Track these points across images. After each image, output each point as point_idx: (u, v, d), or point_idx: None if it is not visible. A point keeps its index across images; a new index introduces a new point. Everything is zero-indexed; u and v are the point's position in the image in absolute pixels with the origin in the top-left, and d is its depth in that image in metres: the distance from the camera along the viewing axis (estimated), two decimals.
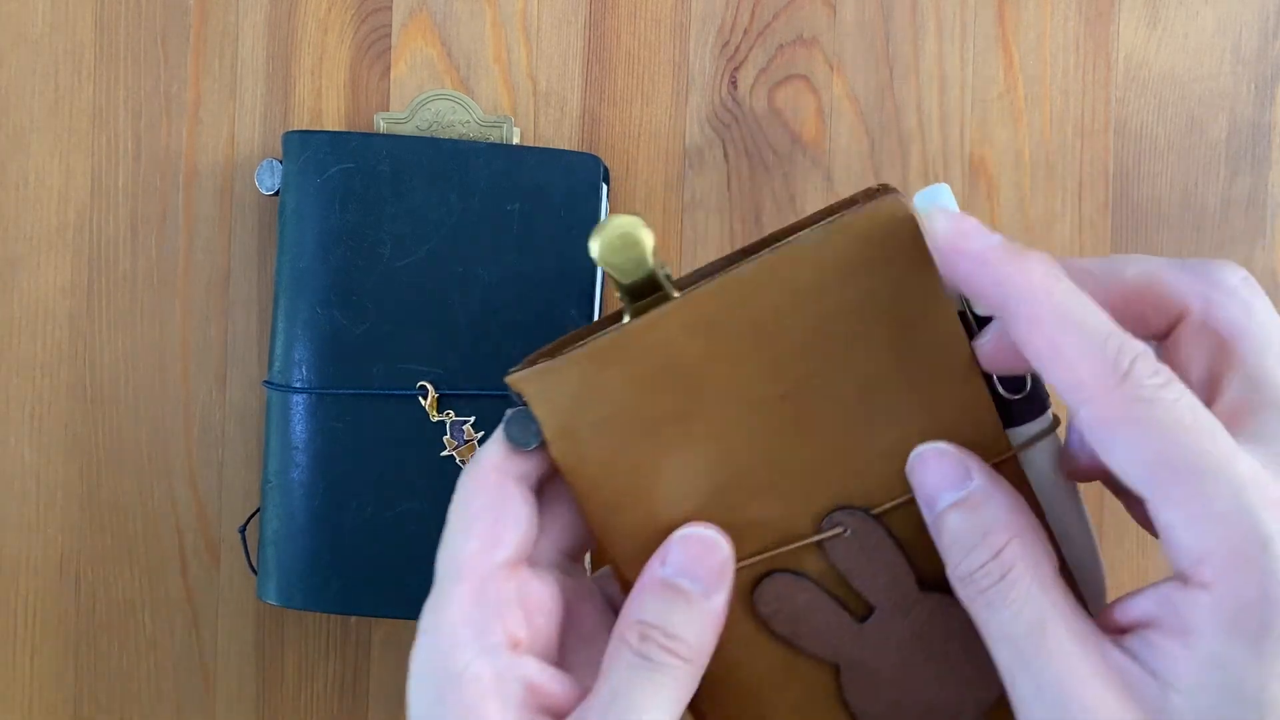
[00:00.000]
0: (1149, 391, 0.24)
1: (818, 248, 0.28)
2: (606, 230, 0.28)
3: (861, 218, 0.27)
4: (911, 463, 0.29)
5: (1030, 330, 0.25)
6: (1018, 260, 0.26)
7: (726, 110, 0.46)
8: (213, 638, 0.45)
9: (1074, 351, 0.25)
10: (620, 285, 0.28)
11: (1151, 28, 0.46)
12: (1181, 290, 0.28)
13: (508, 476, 0.29)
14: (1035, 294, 0.25)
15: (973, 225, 0.26)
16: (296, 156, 0.42)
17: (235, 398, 0.45)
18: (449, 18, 0.45)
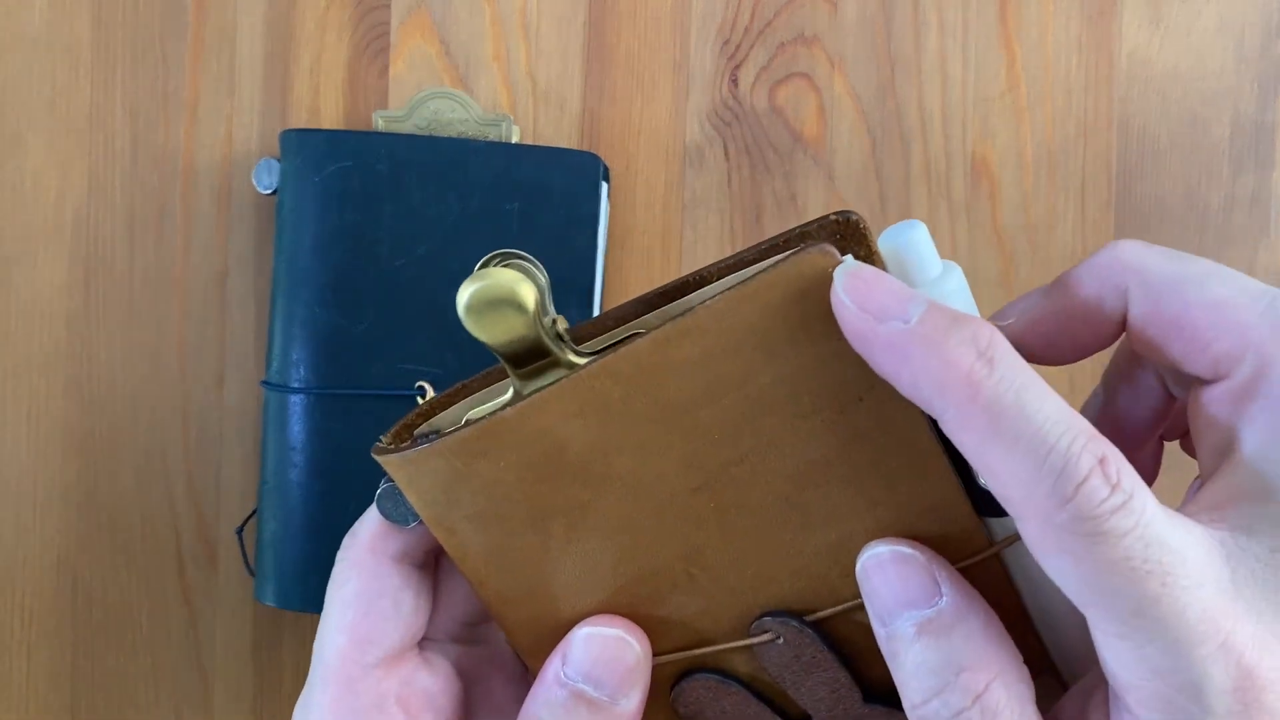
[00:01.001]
0: (1094, 524, 0.20)
1: (730, 315, 0.22)
2: (476, 299, 0.23)
3: (778, 277, 0.22)
4: (864, 566, 0.24)
5: (957, 434, 0.21)
6: (936, 348, 0.21)
7: (727, 109, 0.46)
8: (210, 639, 0.45)
9: (1003, 468, 0.20)
10: (498, 353, 0.24)
11: (1154, 26, 0.46)
12: (1247, 342, 0.23)
13: (385, 556, 0.26)
14: (958, 393, 0.20)
15: (880, 300, 0.21)
16: (294, 155, 0.41)
17: (233, 398, 0.45)
18: (448, 16, 0.45)
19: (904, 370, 0.21)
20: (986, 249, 0.46)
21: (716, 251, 0.45)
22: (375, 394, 0.41)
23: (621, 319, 0.25)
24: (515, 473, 0.24)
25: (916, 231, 0.23)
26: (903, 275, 0.23)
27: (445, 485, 0.24)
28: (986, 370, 0.20)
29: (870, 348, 0.22)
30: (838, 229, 0.24)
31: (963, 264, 0.45)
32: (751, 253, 0.24)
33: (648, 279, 0.45)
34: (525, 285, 0.23)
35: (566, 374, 0.24)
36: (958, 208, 0.46)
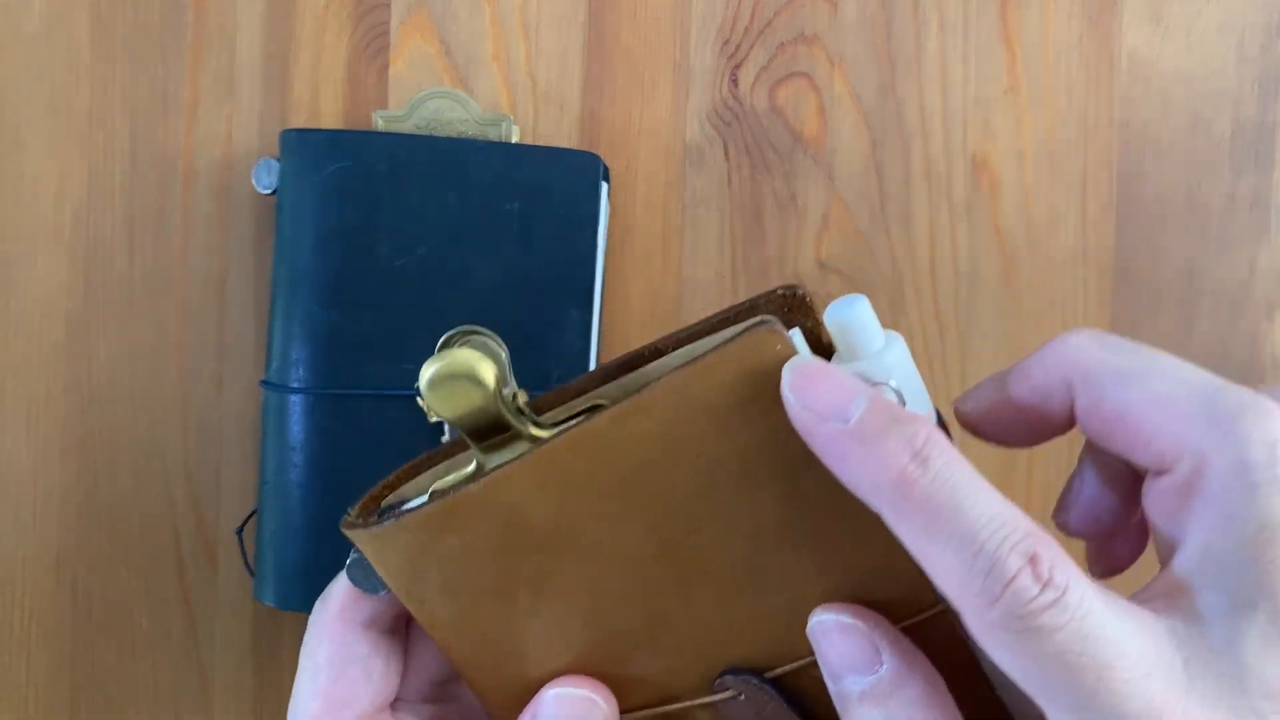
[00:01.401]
0: (1024, 621, 0.20)
1: (683, 391, 0.23)
2: (437, 378, 0.24)
3: (728, 355, 0.23)
4: (811, 630, 0.25)
5: (897, 530, 0.22)
6: (872, 449, 0.22)
7: (727, 108, 0.46)
8: (210, 639, 0.45)
9: (938, 565, 0.21)
10: (460, 428, 0.25)
11: (1155, 26, 0.46)
12: (1185, 442, 0.23)
13: (355, 623, 0.27)
14: (892, 492, 0.21)
15: (823, 399, 0.22)
16: (294, 155, 0.41)
17: (232, 398, 0.45)
18: (447, 15, 0.45)
19: (843, 468, 0.22)
20: (987, 249, 0.46)
21: (716, 252, 0.45)
22: (375, 394, 0.41)
23: (582, 390, 0.26)
24: (481, 545, 0.25)
25: (859, 307, 0.24)
26: (848, 348, 0.24)
27: (412, 558, 0.25)
28: (920, 470, 0.21)
29: (812, 443, 0.23)
30: (785, 302, 0.25)
31: (963, 264, 0.46)
32: (705, 326, 0.25)
33: (648, 279, 0.45)
34: (484, 363, 0.24)
35: (529, 448, 0.24)
36: (958, 207, 0.46)
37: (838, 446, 0.22)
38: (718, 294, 0.45)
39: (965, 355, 0.46)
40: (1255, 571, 0.21)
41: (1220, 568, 0.22)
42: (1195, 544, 0.23)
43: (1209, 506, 0.22)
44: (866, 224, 0.46)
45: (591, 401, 0.26)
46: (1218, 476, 0.22)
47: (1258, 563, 0.21)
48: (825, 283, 0.45)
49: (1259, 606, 0.21)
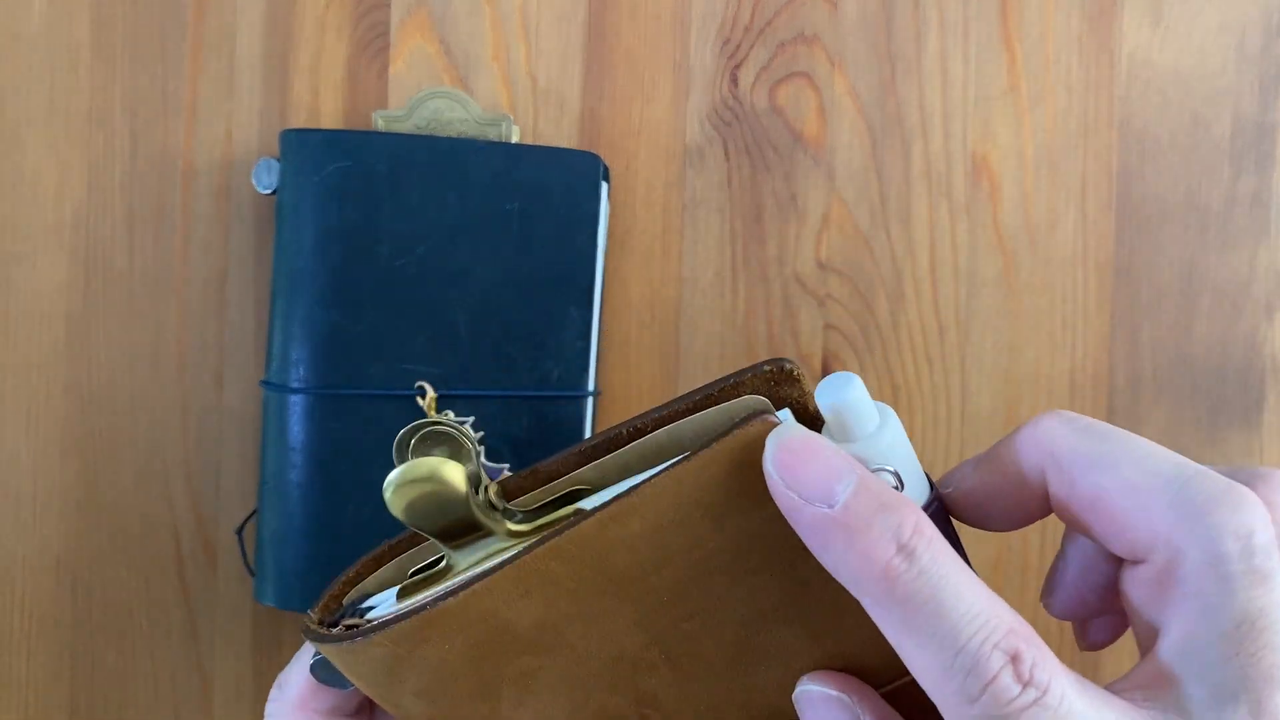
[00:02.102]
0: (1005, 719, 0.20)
1: (674, 490, 0.23)
2: (402, 486, 0.23)
3: (721, 451, 0.22)
4: (796, 699, 0.25)
5: (876, 620, 0.22)
6: (856, 539, 0.21)
7: (727, 108, 0.46)
8: (210, 639, 0.45)
9: (917, 661, 0.21)
10: (430, 535, 0.24)
11: (1155, 25, 0.46)
12: (1157, 534, 0.23)
13: (315, 714, 0.26)
14: (875, 586, 0.21)
15: (808, 479, 0.21)
16: (294, 155, 0.41)
17: (232, 398, 0.45)
18: (447, 15, 0.45)
19: (825, 555, 0.22)
20: (987, 249, 0.46)
21: (717, 252, 0.45)
22: (375, 394, 0.41)
23: (555, 473, 0.25)
24: (461, 652, 0.24)
25: (854, 390, 0.23)
26: (841, 430, 0.24)
27: (388, 669, 0.24)
28: (905, 564, 0.21)
29: (795, 525, 0.22)
30: (772, 377, 0.24)
31: (963, 264, 0.46)
32: (687, 404, 0.24)
33: (648, 279, 0.45)
34: (451, 468, 0.23)
35: (507, 547, 0.23)
36: (958, 207, 0.46)
37: (820, 532, 0.21)
38: (718, 294, 0.45)
39: (965, 355, 0.46)
40: (1236, 665, 0.21)
41: (1201, 661, 0.22)
42: (1175, 635, 0.22)
43: (1186, 599, 0.22)
44: (866, 224, 0.46)
45: (569, 487, 0.25)
46: (1193, 570, 0.22)
47: (1238, 656, 0.21)
48: (825, 283, 0.45)
49: (1240, 700, 0.21)
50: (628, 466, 0.25)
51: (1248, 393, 0.46)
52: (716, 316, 0.45)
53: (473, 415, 0.41)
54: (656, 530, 0.23)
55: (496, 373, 0.41)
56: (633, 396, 0.45)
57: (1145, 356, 0.46)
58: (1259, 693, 0.21)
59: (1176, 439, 0.46)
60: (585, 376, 0.42)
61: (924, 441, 0.45)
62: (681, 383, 0.45)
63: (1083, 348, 0.46)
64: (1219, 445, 0.46)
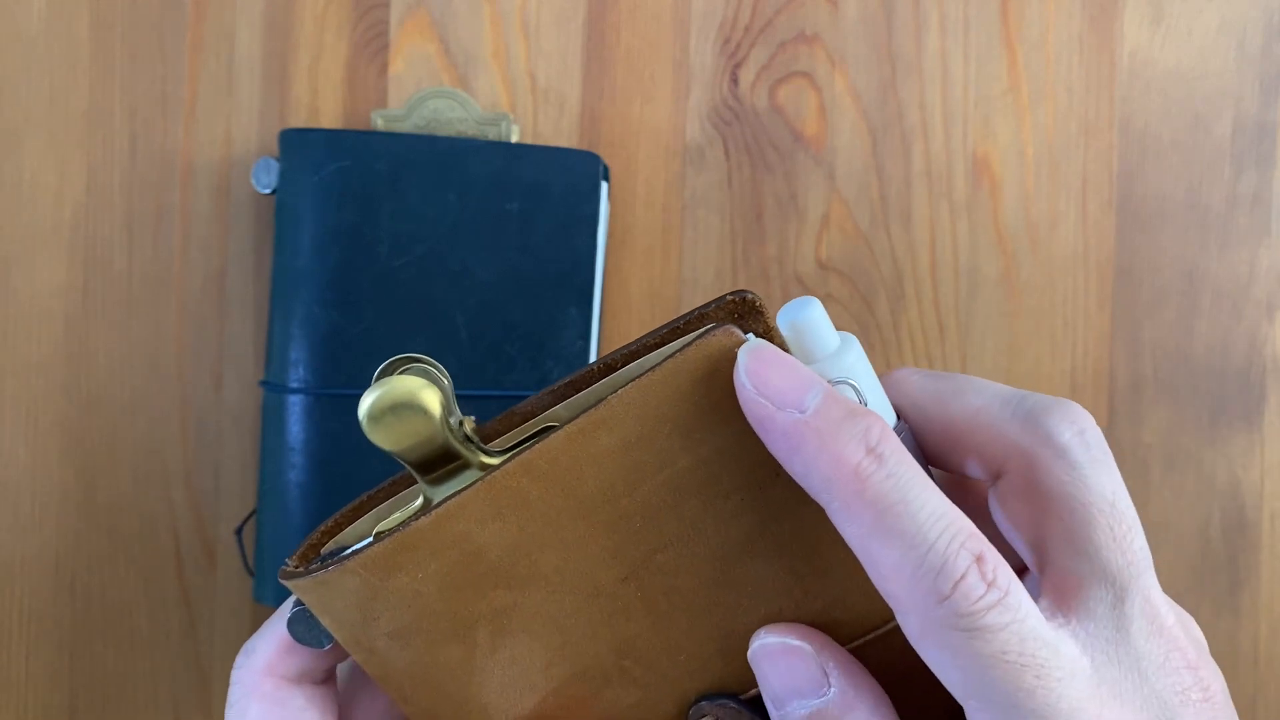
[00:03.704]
0: (970, 620, 0.21)
1: (642, 402, 0.22)
2: (378, 407, 0.23)
3: (685, 361, 0.22)
4: (753, 654, 0.24)
5: (842, 526, 0.22)
6: (828, 441, 0.21)
7: (727, 108, 0.45)
8: (209, 640, 0.45)
9: (886, 562, 0.21)
10: (404, 461, 0.23)
11: (1155, 25, 0.46)
12: (1007, 443, 0.24)
13: (284, 680, 0.25)
14: (845, 487, 0.21)
15: (778, 385, 0.22)
16: (293, 155, 0.41)
17: (231, 398, 0.45)
18: (447, 14, 0.45)
19: (795, 459, 0.22)
20: (988, 248, 0.46)
21: (717, 251, 0.45)
22: None
23: (529, 414, 0.25)
24: (435, 583, 0.23)
25: (812, 309, 0.24)
26: (801, 350, 0.24)
27: (361, 604, 0.23)
28: (874, 466, 0.21)
29: (765, 433, 0.22)
30: (735, 308, 0.24)
31: (963, 264, 0.45)
32: (654, 338, 0.24)
33: (648, 279, 0.45)
34: (428, 390, 0.23)
35: (480, 476, 0.23)
36: (959, 207, 0.46)
37: (791, 437, 0.22)
38: (718, 293, 0.45)
39: (965, 355, 0.46)
40: (1116, 553, 0.22)
41: (1089, 559, 0.23)
42: (1058, 543, 0.23)
43: (1049, 500, 0.23)
44: (866, 224, 0.45)
45: (542, 424, 0.25)
46: (1045, 469, 0.23)
47: (1115, 543, 0.22)
48: (825, 283, 0.45)
49: (1131, 590, 0.22)
50: (599, 400, 0.24)
51: (1248, 393, 0.46)
52: None
53: (473, 415, 0.41)
54: (625, 446, 0.23)
55: (496, 373, 0.41)
56: None
57: (1146, 356, 0.46)
58: (1142, 579, 0.22)
59: (1177, 439, 0.46)
60: None
61: None
62: None
63: (1083, 347, 0.46)
64: (1219, 445, 0.46)
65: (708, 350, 0.22)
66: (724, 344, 0.22)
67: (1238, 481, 0.46)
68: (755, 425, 0.22)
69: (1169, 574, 0.46)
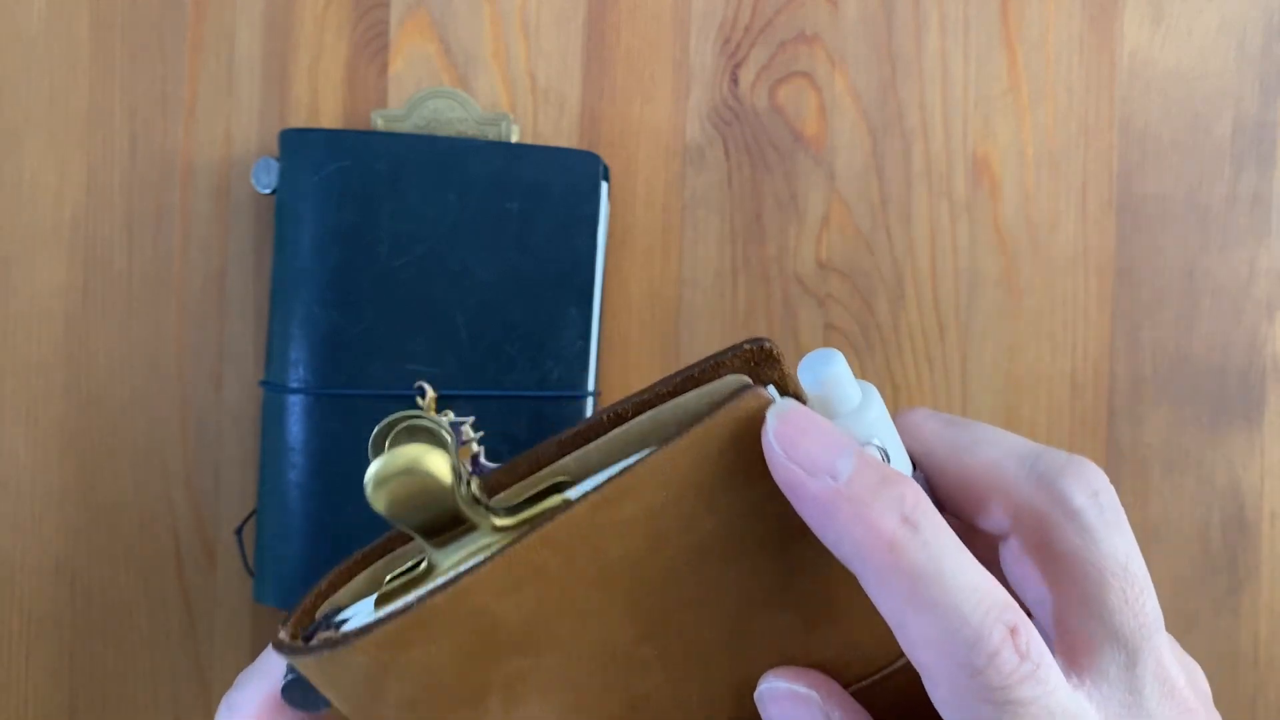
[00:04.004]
0: (1003, 693, 0.21)
1: (667, 470, 0.22)
2: (384, 476, 0.21)
3: (714, 427, 0.22)
4: (760, 697, 0.24)
5: (874, 593, 0.22)
6: (861, 510, 0.21)
7: (727, 108, 0.45)
8: (209, 639, 0.45)
9: (919, 632, 0.21)
10: (411, 529, 0.23)
11: (1155, 25, 0.46)
12: (1021, 501, 0.24)
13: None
14: (880, 557, 0.21)
15: (810, 451, 0.21)
16: (293, 155, 0.41)
17: (232, 398, 0.45)
18: (447, 14, 0.45)
19: (828, 527, 0.22)
20: (988, 248, 0.46)
21: (717, 251, 0.45)
22: (374, 394, 0.41)
23: (536, 464, 0.24)
24: (448, 655, 0.23)
25: (836, 365, 0.23)
26: (823, 406, 0.23)
27: (370, 679, 0.23)
28: (909, 535, 0.21)
29: (796, 500, 0.22)
30: (752, 356, 0.23)
31: (964, 264, 0.45)
32: (667, 386, 0.24)
33: (648, 279, 0.45)
34: (435, 456, 0.22)
35: (492, 541, 0.23)
36: (959, 207, 0.46)
37: (824, 504, 0.21)
38: (718, 294, 0.45)
39: (965, 355, 0.46)
40: (1127, 615, 0.22)
41: (1103, 622, 0.23)
42: (1070, 601, 0.23)
43: (1063, 561, 0.23)
44: (866, 224, 0.45)
45: (551, 478, 0.24)
46: (1059, 532, 0.23)
47: (1128, 605, 0.22)
48: (825, 282, 0.45)
49: (1143, 653, 0.22)
50: (610, 454, 0.24)
51: (1248, 393, 0.46)
52: (716, 316, 0.45)
53: (473, 415, 0.41)
54: (649, 514, 0.22)
55: (496, 373, 0.41)
56: None
57: (1146, 356, 0.46)
58: (1153, 640, 0.22)
59: (1177, 439, 0.46)
60: (585, 376, 0.42)
61: None
62: None
63: (1083, 348, 0.46)
64: (1219, 445, 0.46)
65: (735, 415, 0.22)
66: (752, 407, 0.22)
67: (1238, 481, 0.46)
68: (786, 491, 0.22)
69: (1169, 574, 0.46)
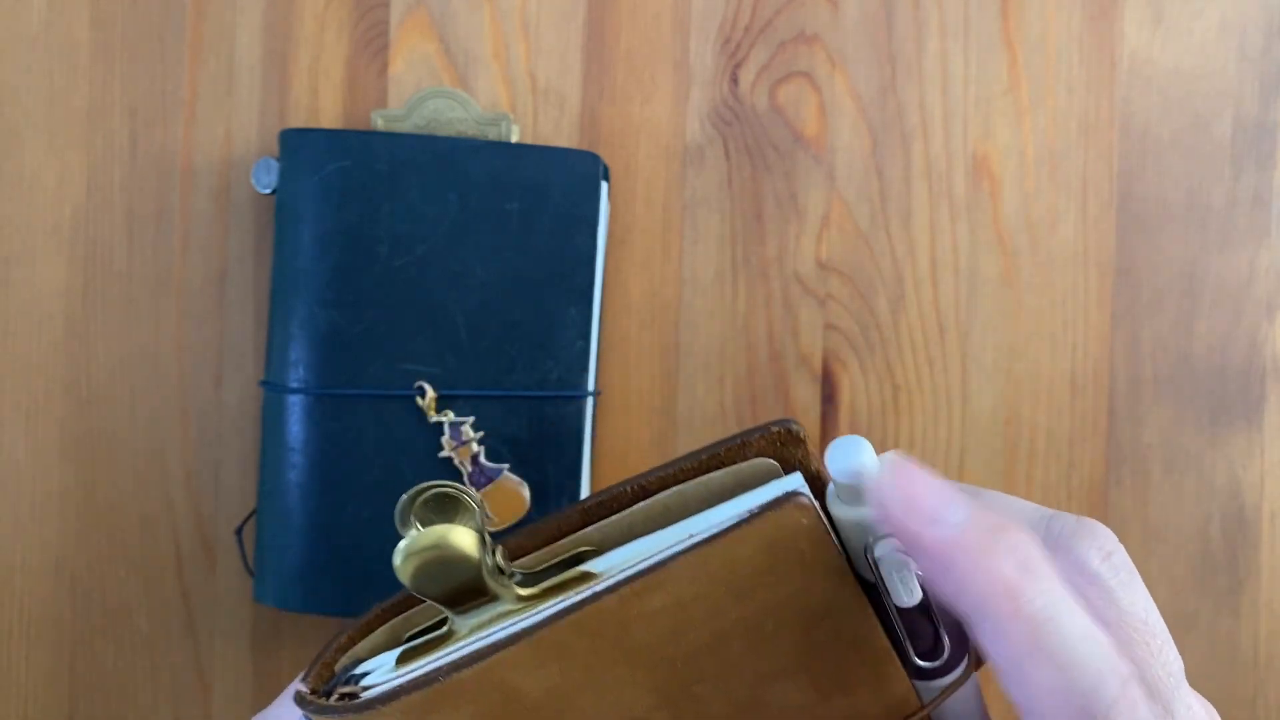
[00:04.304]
0: None
1: (701, 566, 0.23)
2: (413, 555, 0.22)
3: (755, 532, 0.22)
4: None
5: (993, 642, 0.21)
6: (982, 559, 0.21)
7: (727, 108, 0.45)
8: (209, 640, 0.45)
9: (1038, 683, 0.21)
10: (436, 601, 0.23)
11: (1155, 25, 0.46)
12: None
13: None
14: (1000, 606, 0.21)
15: (927, 502, 0.22)
16: (293, 155, 0.41)
17: (231, 398, 0.45)
18: (447, 14, 0.45)
19: (947, 577, 0.22)
20: (988, 248, 0.46)
21: (717, 251, 0.45)
22: (374, 394, 0.41)
23: (559, 532, 0.25)
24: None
25: (865, 454, 0.23)
26: (852, 495, 0.24)
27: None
28: (1029, 583, 0.21)
29: (914, 548, 0.22)
30: (779, 439, 0.24)
31: (964, 264, 0.45)
32: (693, 461, 0.24)
33: (648, 279, 0.45)
34: (464, 534, 0.22)
35: (510, 609, 0.23)
36: (959, 207, 0.46)
37: (943, 555, 0.21)
38: (718, 294, 0.45)
39: (965, 355, 0.46)
40: (1156, 667, 0.23)
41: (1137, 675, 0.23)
42: None
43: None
44: (866, 224, 0.45)
45: (574, 549, 0.25)
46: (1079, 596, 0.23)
47: (1153, 657, 0.23)
48: (825, 283, 0.45)
49: (1175, 703, 0.23)
50: (633, 528, 0.25)
51: (1248, 393, 0.46)
52: (716, 316, 0.45)
53: (473, 415, 0.41)
54: (678, 605, 0.23)
55: (496, 373, 0.41)
56: (632, 396, 0.45)
57: (1146, 356, 0.46)
58: (1181, 689, 0.23)
59: (1177, 439, 0.46)
60: (585, 376, 0.42)
61: (924, 442, 0.45)
62: (681, 382, 0.45)
63: (1083, 348, 0.46)
64: (1219, 445, 0.46)
65: (777, 521, 0.22)
66: (793, 517, 0.22)
67: (1238, 481, 0.46)
68: (904, 539, 0.22)
69: (1169, 574, 0.46)
